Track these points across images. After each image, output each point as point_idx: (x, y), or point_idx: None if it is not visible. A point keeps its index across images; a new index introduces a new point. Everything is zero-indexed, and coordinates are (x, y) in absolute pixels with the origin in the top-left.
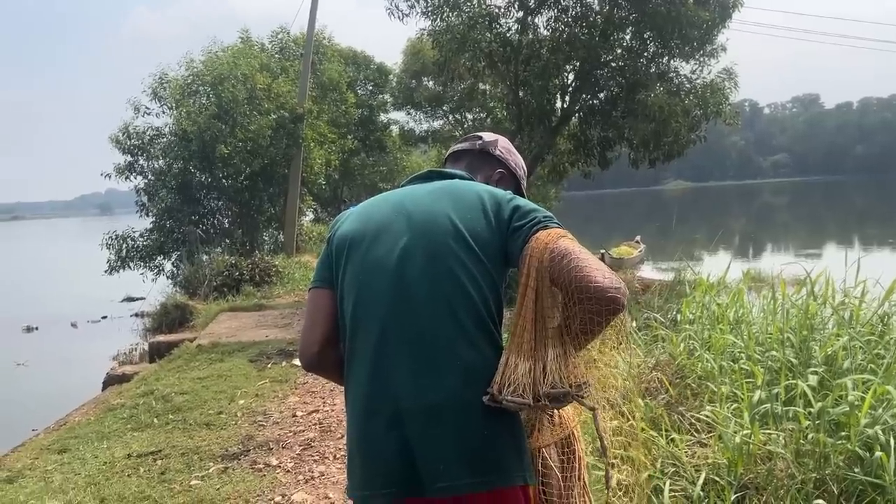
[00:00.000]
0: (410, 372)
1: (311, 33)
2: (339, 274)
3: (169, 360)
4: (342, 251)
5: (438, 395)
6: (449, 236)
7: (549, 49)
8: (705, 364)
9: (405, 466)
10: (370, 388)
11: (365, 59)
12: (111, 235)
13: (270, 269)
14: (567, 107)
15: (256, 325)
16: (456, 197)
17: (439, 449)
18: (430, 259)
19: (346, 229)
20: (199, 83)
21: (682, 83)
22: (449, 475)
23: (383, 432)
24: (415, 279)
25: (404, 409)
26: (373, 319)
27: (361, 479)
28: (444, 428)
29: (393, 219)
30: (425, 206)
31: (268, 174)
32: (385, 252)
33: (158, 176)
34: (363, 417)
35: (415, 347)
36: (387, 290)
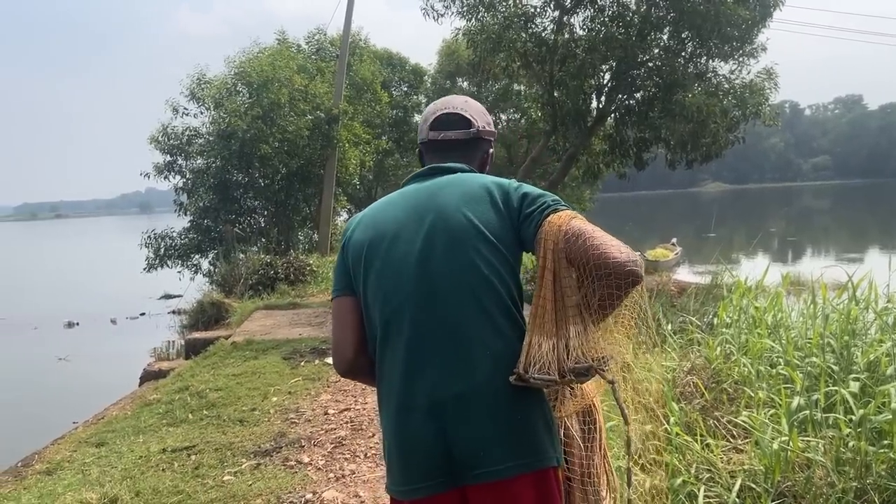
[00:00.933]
0: (442, 365)
1: (346, 35)
2: (360, 281)
3: (204, 356)
4: (359, 259)
5: (471, 385)
6: (464, 230)
7: (585, 49)
8: (742, 369)
9: (444, 458)
10: (404, 384)
11: (400, 60)
12: (150, 234)
13: (305, 268)
14: (603, 107)
15: (290, 323)
16: (463, 191)
17: (477, 437)
18: (450, 254)
19: (359, 237)
20: (240, 83)
21: (720, 83)
22: (489, 461)
23: (420, 426)
24: (438, 275)
25: (439, 402)
26: (402, 319)
27: (401, 474)
28: (479, 416)
29: (406, 220)
30: (436, 204)
31: (304, 174)
32: (404, 254)
33: (197, 175)
34: (399, 414)
35: (445, 342)
36: (412, 290)
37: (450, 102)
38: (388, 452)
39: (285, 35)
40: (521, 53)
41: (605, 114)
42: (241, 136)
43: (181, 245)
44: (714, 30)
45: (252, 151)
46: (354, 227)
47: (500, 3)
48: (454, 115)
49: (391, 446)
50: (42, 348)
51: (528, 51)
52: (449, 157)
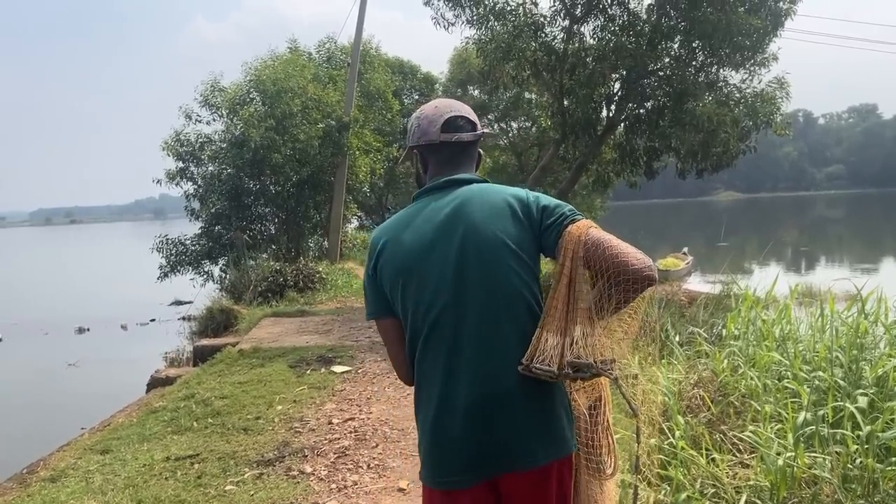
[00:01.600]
0: (480, 370)
1: (357, 44)
2: (398, 299)
3: (211, 364)
4: (396, 282)
5: (506, 386)
6: (494, 245)
7: (595, 58)
8: (749, 382)
9: (480, 452)
10: (445, 387)
11: (411, 68)
12: (162, 240)
13: (314, 275)
14: (612, 116)
15: (298, 330)
16: (489, 206)
17: (513, 431)
18: (483, 268)
19: (391, 261)
20: (254, 91)
21: (731, 93)
22: (525, 452)
23: (460, 425)
24: (473, 288)
25: (478, 402)
26: (442, 329)
27: (439, 468)
28: (514, 413)
29: (437, 237)
30: (465, 221)
31: (314, 182)
32: (441, 270)
33: (209, 182)
34: (440, 413)
35: (482, 348)
36: (451, 302)
37: (451, 105)
38: (425, 447)
39: (297, 43)
40: (530, 62)
41: (614, 123)
42: (254, 144)
43: (192, 251)
44: (725, 39)
45: (264, 160)
46: (380, 250)
47: (509, 13)
48: (462, 118)
49: (430, 442)
50: (52, 353)
51: (537, 60)
52: (458, 159)
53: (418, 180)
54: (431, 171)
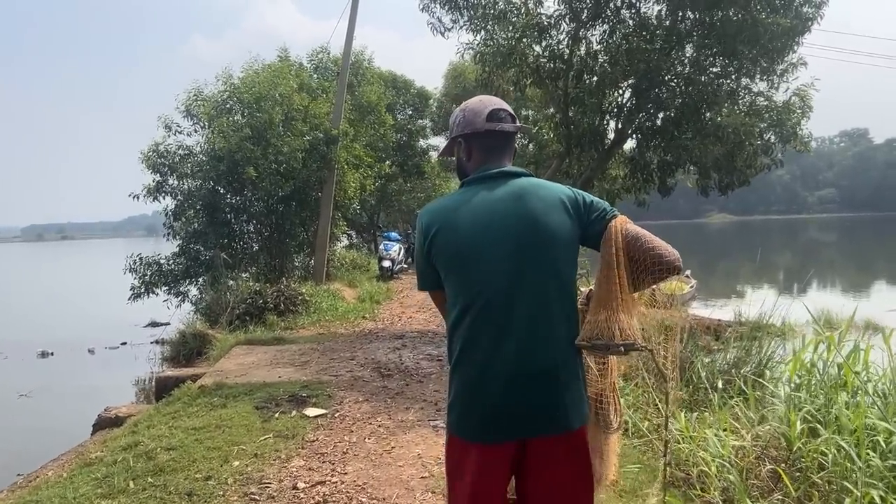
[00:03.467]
0: (526, 345)
1: (347, 52)
2: (453, 275)
3: (167, 402)
4: (455, 261)
5: (548, 362)
6: (547, 236)
7: (605, 61)
8: (838, 455)
9: (521, 416)
10: (494, 357)
11: (405, 83)
12: (135, 259)
13: (296, 297)
14: (622, 127)
15: (271, 361)
16: (543, 200)
17: (549, 402)
18: (536, 255)
19: (449, 242)
20: (235, 101)
21: (753, 101)
22: (560, 418)
23: (504, 391)
24: (527, 273)
25: (522, 373)
26: (496, 307)
27: (482, 427)
28: (552, 386)
29: (496, 225)
30: (522, 211)
31: (300, 197)
32: (499, 254)
33: (186, 196)
34: (486, 378)
35: (531, 327)
36: (506, 284)
37: (493, 99)
38: (465, 404)
39: (287, 52)
40: (532, 69)
41: (624, 135)
42: (229, 156)
43: (168, 271)
44: (750, 41)
45: (241, 173)
46: (434, 234)
47: (511, 14)
48: (503, 111)
49: (471, 402)
50: (5, 381)
51: (540, 66)
52: (501, 148)
53: (461, 169)
54: (476, 159)
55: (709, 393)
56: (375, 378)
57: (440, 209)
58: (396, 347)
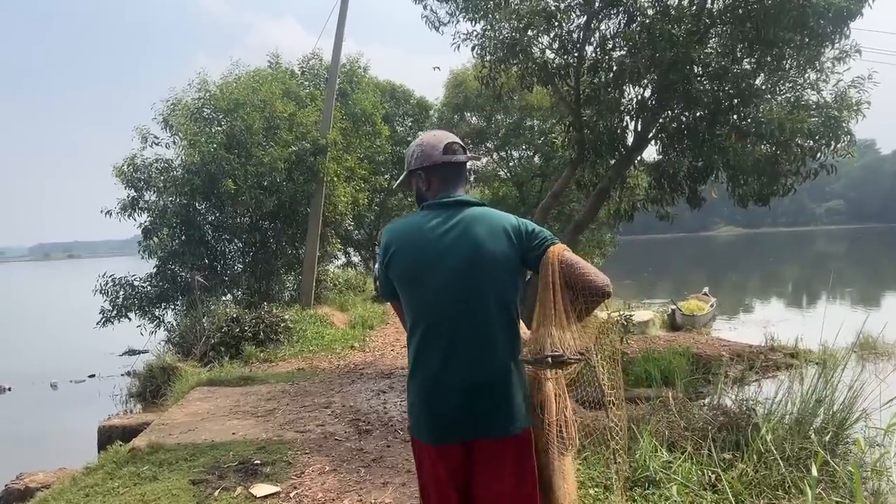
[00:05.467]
0: (470, 360)
1: (337, 53)
2: (407, 291)
3: (88, 471)
4: (406, 279)
5: (491, 375)
6: (492, 262)
7: (624, 54)
8: None
9: (465, 421)
10: (443, 370)
11: (404, 92)
12: (107, 280)
13: (278, 324)
14: (643, 129)
15: (231, 409)
16: (490, 229)
17: (493, 408)
18: (482, 278)
19: (404, 260)
20: (212, 109)
21: (799, 95)
22: (499, 424)
23: (453, 400)
24: (472, 294)
25: (469, 385)
26: (444, 324)
27: (432, 430)
28: (495, 395)
29: (446, 248)
30: (470, 239)
31: (286, 213)
32: (447, 276)
33: (160, 214)
34: (436, 389)
35: (475, 343)
36: (453, 302)
37: (447, 134)
38: (421, 413)
39: (278, 59)
40: (539, 64)
41: (645, 137)
42: (203, 168)
43: (142, 294)
44: (796, 26)
45: (218, 186)
46: (393, 252)
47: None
48: (457, 144)
49: (424, 410)
50: None
51: (548, 61)
52: (455, 177)
53: (420, 198)
54: (435, 188)
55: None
56: (351, 435)
57: (400, 230)
58: (382, 390)
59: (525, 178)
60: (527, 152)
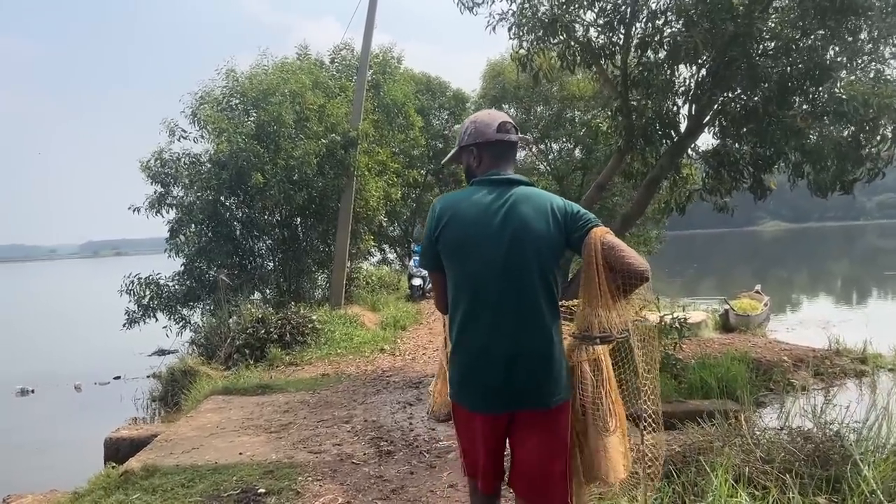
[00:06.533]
0: (515, 332)
1: (367, 41)
2: (455, 264)
3: (75, 497)
4: (454, 251)
5: (534, 346)
6: (537, 239)
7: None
8: None
9: (509, 391)
10: (489, 340)
11: (440, 85)
12: (132, 279)
13: (305, 325)
14: (698, 112)
15: (243, 423)
16: (536, 208)
17: (537, 379)
18: (527, 254)
19: (454, 234)
20: (240, 99)
21: (881, 70)
22: (544, 394)
23: (498, 369)
24: (518, 269)
25: (514, 355)
26: (491, 297)
27: (480, 400)
28: (539, 366)
29: (493, 224)
30: (517, 216)
31: (317, 209)
32: (494, 251)
33: (187, 210)
34: (483, 360)
35: (519, 315)
36: (497, 278)
37: (500, 114)
38: (465, 382)
39: (307, 50)
40: (582, 43)
41: (701, 121)
42: (232, 161)
43: (168, 293)
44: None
45: (247, 180)
46: (446, 222)
47: None
48: (509, 123)
49: (470, 380)
50: None
51: (591, 39)
52: (507, 155)
53: (469, 173)
54: (486, 165)
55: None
56: (370, 457)
57: (453, 201)
58: (409, 402)
59: (565, 171)
60: (567, 145)
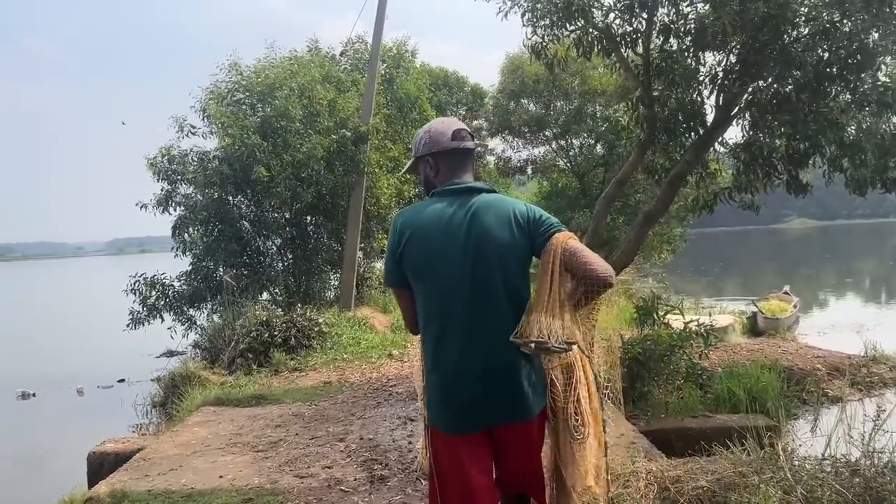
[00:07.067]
0: (486, 347)
1: (378, 32)
2: (420, 281)
3: None
4: (419, 269)
5: (509, 359)
6: (501, 248)
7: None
8: None
9: (485, 407)
10: (462, 356)
11: (457, 80)
12: (138, 279)
13: (311, 328)
14: (727, 102)
15: (230, 439)
16: (498, 215)
17: (513, 393)
18: (492, 265)
19: (415, 251)
20: (245, 94)
21: None
22: (519, 409)
23: (472, 386)
24: (484, 280)
25: (488, 370)
26: (459, 311)
27: (453, 418)
28: (513, 380)
29: (455, 236)
30: (479, 226)
31: (327, 206)
32: (460, 262)
33: (191, 208)
34: (456, 377)
35: (490, 330)
36: (467, 288)
37: (454, 121)
38: (441, 402)
39: (318, 43)
40: (601, 29)
41: (729, 112)
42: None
43: (174, 293)
44: None
45: (249, 175)
46: (407, 239)
47: None
48: (464, 130)
49: (444, 398)
50: None
51: (611, 25)
52: (465, 163)
53: (427, 184)
54: (444, 175)
55: None
56: (361, 483)
57: (413, 216)
58: (410, 417)
59: (586, 168)
60: (588, 140)
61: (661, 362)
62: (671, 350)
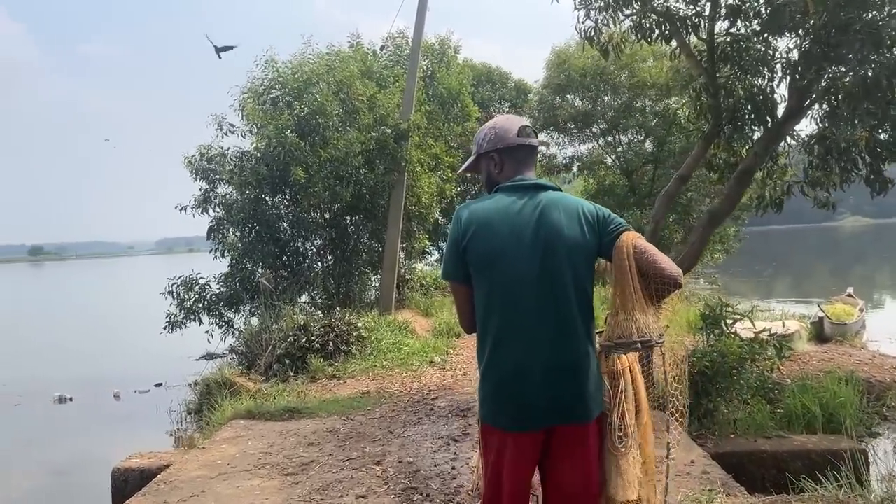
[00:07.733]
0: (552, 345)
1: (420, 27)
2: (484, 277)
3: None
4: (483, 264)
5: (572, 359)
6: (569, 246)
7: None
8: None
9: (546, 406)
10: (525, 355)
11: (501, 75)
12: (176, 282)
13: (350, 333)
14: (800, 91)
15: (259, 458)
16: (567, 213)
17: (575, 394)
18: (560, 263)
19: (481, 245)
20: (281, 91)
21: None
22: (581, 409)
23: (535, 385)
24: (551, 279)
25: (551, 369)
26: (526, 309)
27: (517, 417)
28: (576, 380)
29: (523, 233)
30: (548, 223)
31: (367, 206)
32: (528, 261)
33: (228, 209)
34: (517, 375)
35: (558, 328)
36: (531, 289)
37: (518, 118)
38: (500, 398)
39: (359, 39)
40: (661, 12)
41: (803, 102)
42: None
43: (212, 296)
44: None
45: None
46: (473, 233)
47: None
48: (528, 127)
49: (506, 395)
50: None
51: (671, 9)
52: (529, 160)
53: (490, 181)
54: (508, 171)
55: None
56: None
57: (480, 210)
58: (453, 437)
59: (635, 164)
60: (637, 136)
61: (729, 376)
62: (741, 363)
